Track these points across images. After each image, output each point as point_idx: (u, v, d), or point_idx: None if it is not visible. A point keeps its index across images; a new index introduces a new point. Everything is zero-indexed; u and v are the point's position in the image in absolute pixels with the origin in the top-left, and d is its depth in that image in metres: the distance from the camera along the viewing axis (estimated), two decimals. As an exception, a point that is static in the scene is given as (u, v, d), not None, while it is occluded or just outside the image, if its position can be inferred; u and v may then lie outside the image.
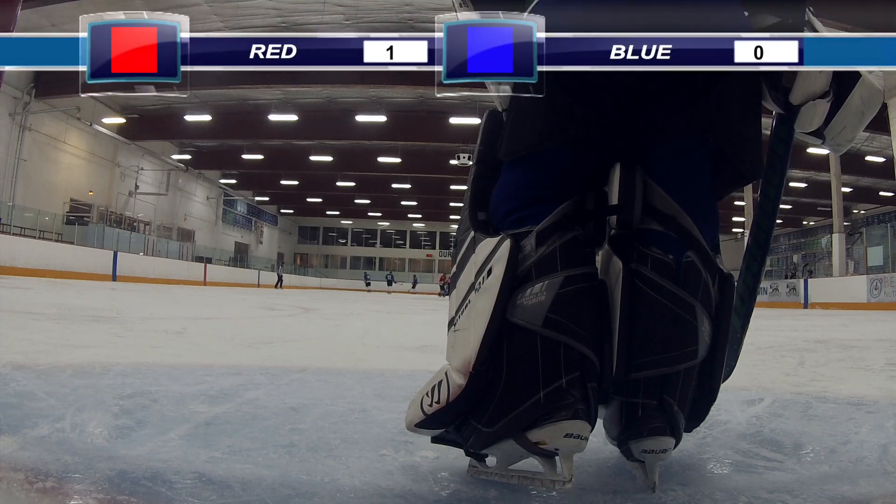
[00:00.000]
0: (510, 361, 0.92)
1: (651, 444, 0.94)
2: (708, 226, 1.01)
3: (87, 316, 4.42)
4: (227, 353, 2.77)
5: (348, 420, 1.37)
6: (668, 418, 0.95)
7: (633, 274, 0.99)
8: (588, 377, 0.92)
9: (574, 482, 0.91)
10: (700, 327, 0.97)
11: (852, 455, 1.20)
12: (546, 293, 0.92)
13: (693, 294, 0.97)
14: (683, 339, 0.96)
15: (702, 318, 0.97)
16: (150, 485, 0.90)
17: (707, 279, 0.99)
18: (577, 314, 0.93)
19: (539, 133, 1.00)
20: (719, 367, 1.02)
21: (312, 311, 7.58)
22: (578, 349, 0.92)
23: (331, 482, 0.96)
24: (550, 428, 0.88)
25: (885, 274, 17.34)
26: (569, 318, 0.92)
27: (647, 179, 1.01)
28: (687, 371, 0.97)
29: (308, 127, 24.07)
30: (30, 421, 1.21)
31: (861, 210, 33.49)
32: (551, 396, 0.89)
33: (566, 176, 1.01)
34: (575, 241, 0.97)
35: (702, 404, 1.03)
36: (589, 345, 0.93)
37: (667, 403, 0.96)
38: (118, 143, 25.12)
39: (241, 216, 40.14)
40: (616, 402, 1.00)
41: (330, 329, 4.88)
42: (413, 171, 29.62)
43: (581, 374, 0.91)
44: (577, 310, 0.93)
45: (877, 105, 1.05)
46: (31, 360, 2.00)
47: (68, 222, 21.93)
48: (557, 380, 0.90)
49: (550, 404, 0.88)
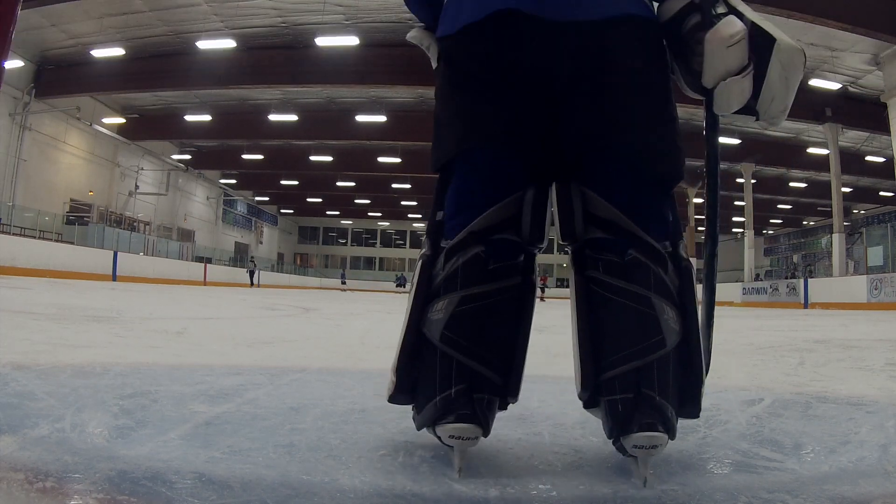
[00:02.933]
0: (422, 367, 1.06)
1: (639, 439, 0.96)
2: (653, 221, 1.06)
3: (87, 316, 4.42)
4: (227, 353, 2.77)
5: (348, 420, 1.37)
6: (652, 412, 0.97)
7: (589, 280, 1.07)
8: (476, 389, 1.02)
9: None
10: (661, 316, 1.00)
11: (852, 455, 1.20)
12: (444, 311, 1.03)
13: (645, 286, 1.01)
14: (646, 330, 1.00)
15: (661, 306, 1.01)
16: (150, 485, 0.90)
17: (657, 270, 1.03)
18: (471, 332, 1.03)
19: (456, 139, 1.08)
20: (696, 349, 1.03)
21: (312, 311, 7.58)
22: (468, 364, 1.02)
23: (331, 482, 0.96)
24: (441, 428, 1.01)
25: (885, 274, 17.34)
26: (461, 336, 1.03)
27: (584, 189, 1.07)
28: (660, 361, 0.99)
29: (308, 127, 24.07)
30: (30, 421, 1.21)
31: (861, 210, 33.50)
32: (443, 402, 1.02)
33: (491, 180, 1.06)
34: (476, 258, 1.04)
35: (689, 390, 1.04)
36: (479, 360, 1.03)
37: (646, 396, 0.98)
38: (118, 143, 25.12)
39: (241, 216, 40.16)
40: (602, 402, 1.04)
41: (330, 329, 4.88)
42: (413, 171, 29.60)
43: (468, 386, 1.02)
44: (472, 327, 1.03)
45: (799, 65, 0.99)
46: (31, 360, 2.00)
47: (68, 222, 21.93)
48: (447, 389, 1.02)
49: (443, 408, 1.01)
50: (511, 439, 1.25)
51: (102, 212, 24.49)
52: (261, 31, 17.85)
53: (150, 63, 18.59)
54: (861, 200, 31.28)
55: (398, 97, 22.62)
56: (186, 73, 18.80)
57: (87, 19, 16.95)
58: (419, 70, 17.94)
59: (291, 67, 18.36)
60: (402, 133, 24.16)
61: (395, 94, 22.23)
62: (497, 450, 1.17)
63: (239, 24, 17.25)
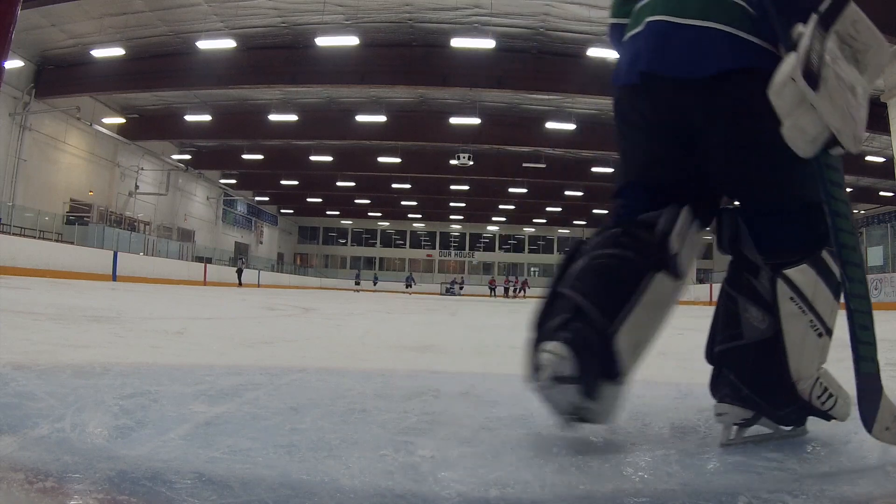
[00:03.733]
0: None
1: (715, 407, 1.23)
2: (755, 240, 1.26)
3: (87, 316, 4.42)
4: (227, 353, 2.77)
5: (348, 420, 1.37)
6: (726, 388, 1.22)
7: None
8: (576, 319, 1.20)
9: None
10: (743, 314, 1.22)
11: (852, 455, 1.20)
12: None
13: (736, 288, 1.25)
14: (729, 323, 1.25)
15: (745, 305, 1.22)
16: (150, 485, 0.90)
17: (748, 277, 1.24)
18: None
19: (619, 174, 1.40)
20: (782, 352, 1.18)
21: (312, 311, 7.58)
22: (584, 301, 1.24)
23: (331, 482, 0.96)
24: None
25: (885, 274, 17.33)
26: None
27: (739, 220, 1.28)
28: (740, 349, 1.22)
29: (308, 127, 24.05)
30: (30, 421, 1.21)
31: (861, 210, 33.48)
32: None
33: (640, 204, 1.32)
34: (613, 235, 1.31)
35: (773, 388, 1.20)
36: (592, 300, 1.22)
37: (724, 374, 1.23)
38: (118, 143, 25.12)
39: (241, 216, 40.16)
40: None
41: (330, 329, 4.88)
42: (413, 171, 29.62)
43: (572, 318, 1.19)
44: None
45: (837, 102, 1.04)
46: (31, 360, 2.00)
47: (68, 222, 21.93)
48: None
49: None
50: (512, 439, 1.25)
51: (102, 212, 24.49)
52: (261, 31, 17.85)
53: (150, 63, 18.59)
54: (861, 200, 31.27)
55: (398, 97, 22.62)
56: (186, 73, 18.79)
57: (87, 19, 16.95)
58: (419, 70, 17.95)
59: (291, 67, 18.35)
60: (402, 133, 24.16)
61: (395, 94, 22.23)
62: (497, 450, 1.17)
63: (239, 24, 17.24)
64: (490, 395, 1.78)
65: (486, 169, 28.24)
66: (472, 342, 4.06)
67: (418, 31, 17.57)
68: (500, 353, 3.34)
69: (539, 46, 17.78)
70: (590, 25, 16.34)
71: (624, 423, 1.40)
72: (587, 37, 16.76)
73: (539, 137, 23.47)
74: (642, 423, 1.43)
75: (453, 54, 17.37)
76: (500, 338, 4.47)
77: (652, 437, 1.33)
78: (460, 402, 1.64)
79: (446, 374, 2.35)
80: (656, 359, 3.39)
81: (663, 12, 1.22)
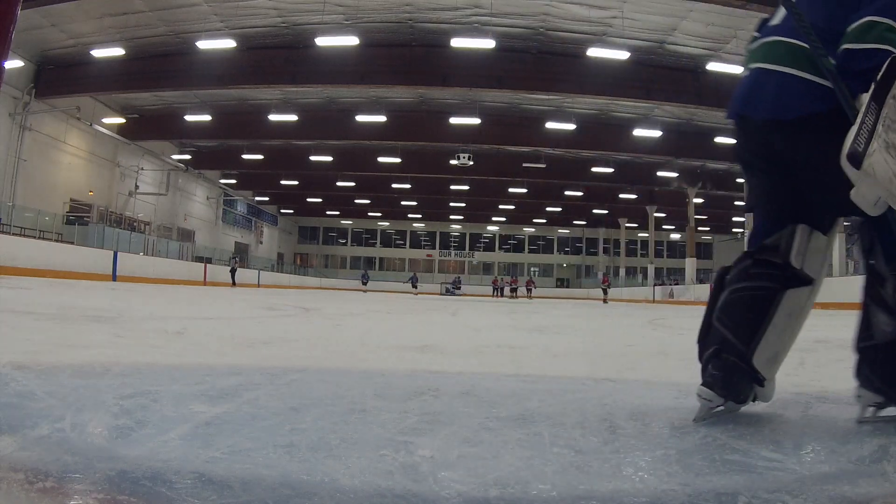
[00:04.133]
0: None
1: (856, 390, 1.45)
2: (877, 250, 1.43)
3: (87, 316, 4.42)
4: (227, 353, 2.77)
5: (348, 420, 1.37)
6: (860, 378, 1.44)
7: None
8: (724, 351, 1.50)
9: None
10: (873, 318, 1.41)
11: (852, 455, 1.20)
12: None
13: (869, 295, 1.44)
14: (865, 325, 1.44)
15: (874, 310, 1.41)
16: (150, 485, 0.90)
17: (875, 284, 1.42)
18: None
19: (747, 196, 1.69)
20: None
21: (312, 311, 7.58)
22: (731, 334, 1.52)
23: (331, 482, 0.96)
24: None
25: (885, 274, 17.29)
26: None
27: (874, 234, 1.44)
28: (873, 348, 1.41)
29: (308, 127, 24.05)
30: (30, 421, 1.21)
31: None
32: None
33: (760, 229, 1.58)
34: (745, 266, 1.54)
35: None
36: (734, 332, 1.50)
37: (862, 368, 1.44)
38: (118, 143, 25.11)
39: (241, 216, 40.16)
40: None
41: (330, 329, 4.88)
42: (413, 171, 29.61)
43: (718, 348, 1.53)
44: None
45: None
46: (32, 360, 2.00)
47: (68, 222, 21.91)
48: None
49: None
50: (511, 439, 1.25)
51: (102, 212, 24.48)
52: (261, 31, 17.84)
53: (150, 63, 18.59)
54: (861, 200, 31.22)
55: (398, 97, 22.62)
56: (186, 73, 18.79)
57: (87, 19, 16.94)
58: (419, 70, 17.95)
59: (291, 67, 18.35)
60: (402, 133, 24.15)
61: (395, 94, 22.23)
62: (497, 450, 1.17)
63: (239, 24, 17.24)
64: (490, 395, 1.77)
65: (486, 169, 28.24)
66: (473, 342, 4.06)
67: (418, 31, 17.57)
68: (500, 353, 3.34)
69: (539, 46, 17.77)
70: (590, 25, 16.35)
71: (624, 423, 1.40)
72: (587, 37, 16.77)
73: (539, 137, 23.47)
74: (642, 423, 1.43)
75: (453, 54, 17.38)
76: (500, 338, 4.47)
77: (652, 437, 1.33)
78: (460, 402, 1.64)
79: (446, 374, 2.35)
80: (656, 359, 3.39)
81: (760, 60, 1.45)
